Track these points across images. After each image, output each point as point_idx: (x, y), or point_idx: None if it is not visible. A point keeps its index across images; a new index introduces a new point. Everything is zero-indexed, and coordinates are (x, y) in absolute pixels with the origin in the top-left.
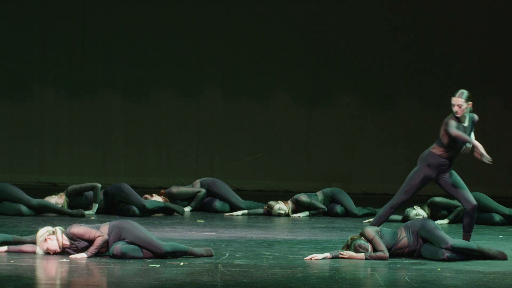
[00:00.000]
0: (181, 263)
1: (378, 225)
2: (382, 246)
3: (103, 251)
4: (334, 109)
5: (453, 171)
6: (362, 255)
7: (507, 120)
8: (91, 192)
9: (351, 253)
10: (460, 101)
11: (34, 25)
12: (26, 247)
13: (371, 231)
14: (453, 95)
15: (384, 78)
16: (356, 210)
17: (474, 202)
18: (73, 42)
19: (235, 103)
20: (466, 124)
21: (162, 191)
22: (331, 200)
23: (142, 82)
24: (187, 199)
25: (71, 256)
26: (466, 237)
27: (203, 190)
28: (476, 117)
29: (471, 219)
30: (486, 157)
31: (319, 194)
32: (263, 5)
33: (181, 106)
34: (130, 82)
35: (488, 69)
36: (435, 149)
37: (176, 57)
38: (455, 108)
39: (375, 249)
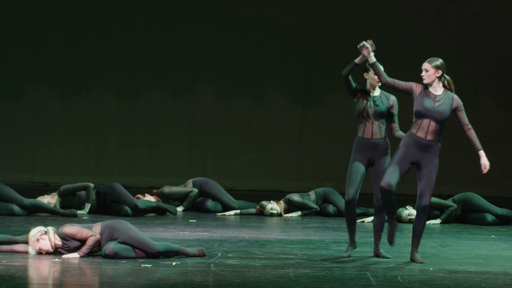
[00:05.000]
0: (174, 263)
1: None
2: None
3: (96, 251)
4: (327, 109)
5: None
6: None
7: (499, 119)
8: (83, 192)
9: None
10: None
11: (27, 25)
12: (19, 247)
13: None
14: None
15: None
16: None
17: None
18: (66, 41)
19: (228, 103)
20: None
21: (155, 191)
22: (323, 200)
23: (135, 82)
24: (180, 199)
25: (63, 256)
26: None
27: (196, 190)
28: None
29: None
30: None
31: (312, 194)
32: (256, 4)
33: (174, 105)
34: (123, 82)
35: (480, 68)
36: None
37: (169, 56)
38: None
39: None
